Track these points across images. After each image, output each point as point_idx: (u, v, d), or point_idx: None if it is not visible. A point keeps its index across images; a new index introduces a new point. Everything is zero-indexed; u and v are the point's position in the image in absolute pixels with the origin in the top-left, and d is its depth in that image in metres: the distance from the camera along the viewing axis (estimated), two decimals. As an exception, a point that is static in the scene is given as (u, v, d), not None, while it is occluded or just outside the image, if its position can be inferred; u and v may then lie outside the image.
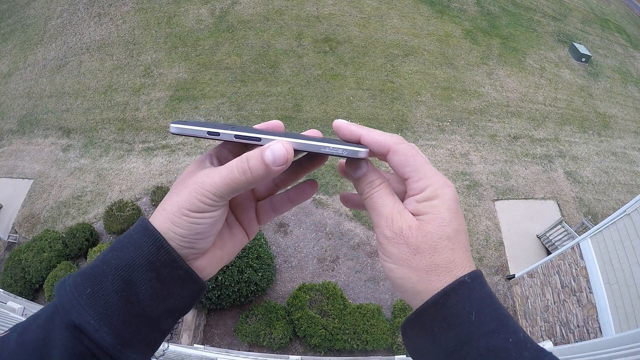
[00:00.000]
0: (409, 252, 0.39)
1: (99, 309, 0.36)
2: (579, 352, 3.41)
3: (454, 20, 12.62)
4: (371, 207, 0.43)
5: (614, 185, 9.58)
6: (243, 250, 5.73)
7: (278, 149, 0.37)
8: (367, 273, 7.29)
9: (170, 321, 0.41)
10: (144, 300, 0.38)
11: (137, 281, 0.37)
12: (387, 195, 0.43)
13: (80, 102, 10.75)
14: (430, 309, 0.38)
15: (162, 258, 0.39)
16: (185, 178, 0.41)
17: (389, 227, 0.41)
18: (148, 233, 0.39)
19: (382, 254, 0.42)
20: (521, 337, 0.35)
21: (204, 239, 0.41)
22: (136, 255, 0.38)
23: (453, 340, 0.36)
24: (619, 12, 17.48)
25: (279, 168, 0.38)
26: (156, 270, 0.38)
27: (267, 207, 0.49)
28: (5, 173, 9.64)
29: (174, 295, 0.40)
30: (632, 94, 12.61)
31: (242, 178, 0.38)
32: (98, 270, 0.38)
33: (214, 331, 6.68)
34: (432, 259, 0.39)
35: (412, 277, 0.39)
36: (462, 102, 10.43)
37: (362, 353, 6.34)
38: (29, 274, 7.01)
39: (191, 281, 0.41)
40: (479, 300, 0.37)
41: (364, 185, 0.44)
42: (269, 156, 0.37)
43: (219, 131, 0.40)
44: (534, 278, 6.62)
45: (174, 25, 11.80)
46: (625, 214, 4.77)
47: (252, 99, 9.96)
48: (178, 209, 0.39)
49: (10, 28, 13.56)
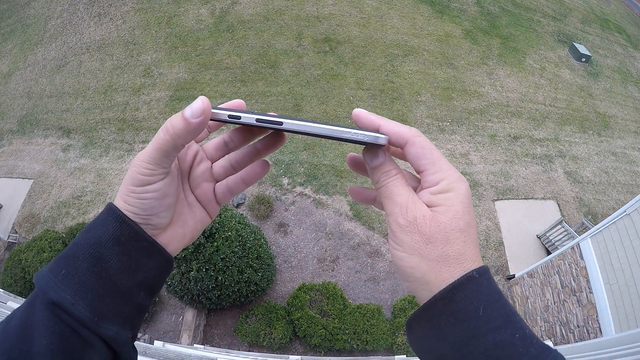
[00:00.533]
0: (422, 241, 0.40)
1: (73, 286, 0.38)
2: (579, 352, 3.41)
3: (454, 20, 12.62)
4: (386, 196, 0.44)
5: (614, 185, 9.58)
6: (243, 250, 5.73)
7: (196, 103, 0.39)
8: (367, 273, 7.29)
9: (143, 295, 0.43)
10: (114, 274, 0.40)
11: (105, 256, 0.40)
12: (403, 185, 0.44)
13: (80, 102, 10.74)
14: (438, 302, 0.38)
15: (126, 232, 0.41)
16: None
17: (403, 215, 0.41)
18: (111, 212, 0.42)
19: (394, 242, 0.42)
20: (527, 333, 0.36)
21: (155, 214, 0.43)
22: (102, 232, 0.40)
23: (460, 335, 0.36)
24: (619, 12, 17.47)
25: (197, 120, 0.38)
26: (122, 244, 0.41)
27: (223, 188, 0.51)
28: (5, 173, 9.64)
29: (142, 267, 0.42)
30: (632, 94, 12.60)
31: (167, 137, 0.39)
32: (70, 252, 0.40)
33: (214, 331, 6.68)
34: (444, 249, 0.39)
35: (422, 267, 0.40)
36: (462, 102, 10.43)
37: (362, 353, 6.34)
38: (29, 274, 7.01)
39: (157, 252, 0.44)
40: (487, 295, 0.37)
41: (381, 173, 0.44)
42: (188, 111, 0.38)
43: (240, 114, 0.42)
44: (534, 278, 6.61)
45: (174, 25, 11.80)
46: (625, 214, 4.77)
47: (252, 99, 9.95)
48: (126, 188, 0.42)
49: (10, 28, 13.56)
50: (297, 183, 8.32)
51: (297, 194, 8.17)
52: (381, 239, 7.70)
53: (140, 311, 0.43)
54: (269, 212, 7.83)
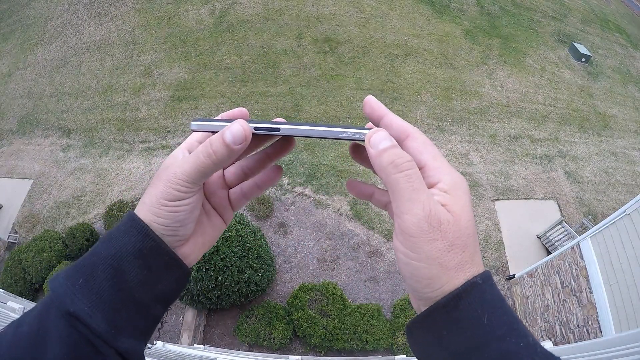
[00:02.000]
0: (445, 249, 0.36)
1: (91, 297, 0.37)
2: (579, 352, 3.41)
3: (454, 20, 12.62)
4: (403, 188, 0.37)
5: (614, 185, 9.58)
6: (243, 250, 5.73)
7: (236, 129, 0.39)
8: (367, 273, 7.29)
9: (159, 307, 0.43)
10: (134, 287, 0.39)
11: (126, 268, 0.39)
12: (421, 178, 0.38)
13: (80, 102, 10.75)
14: (440, 310, 0.36)
15: (149, 245, 0.40)
16: (161, 172, 0.43)
17: (427, 219, 0.36)
18: (134, 223, 0.41)
19: (407, 249, 0.37)
20: (531, 341, 0.35)
21: (184, 225, 0.43)
22: (124, 244, 0.40)
23: (463, 344, 0.35)
24: (619, 12, 17.47)
25: (239, 146, 0.39)
26: (143, 257, 0.40)
27: (238, 194, 0.51)
28: (5, 173, 9.64)
29: (162, 280, 0.42)
30: (632, 94, 12.60)
31: (208, 161, 0.40)
32: (89, 261, 0.39)
33: (214, 331, 6.68)
34: (463, 255, 0.37)
35: (442, 277, 0.36)
36: (462, 102, 10.43)
37: (362, 353, 6.34)
38: (29, 274, 7.01)
39: (176, 266, 0.44)
40: (491, 302, 0.36)
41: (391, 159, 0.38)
42: (229, 136, 0.39)
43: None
44: (534, 278, 6.61)
45: (174, 25, 11.80)
46: (625, 214, 4.77)
47: (252, 99, 9.95)
48: (157, 200, 0.41)
49: (10, 28, 13.56)
50: (297, 183, 8.33)
51: (297, 194, 8.17)
52: (381, 239, 7.70)
53: (155, 323, 0.44)
54: (269, 212, 7.83)
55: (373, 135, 0.40)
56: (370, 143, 0.40)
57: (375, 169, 0.40)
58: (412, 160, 0.38)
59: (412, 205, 0.36)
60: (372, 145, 0.40)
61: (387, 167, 0.38)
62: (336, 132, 0.41)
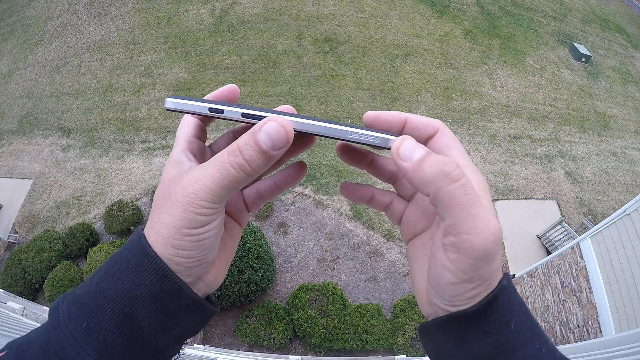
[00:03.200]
0: (498, 269, 0.33)
1: (97, 347, 0.32)
2: (579, 352, 3.41)
3: (454, 20, 12.62)
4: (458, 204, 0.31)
5: (614, 185, 9.58)
6: (243, 250, 5.73)
7: (274, 128, 0.32)
8: (367, 273, 7.29)
9: (177, 347, 0.38)
10: (148, 334, 0.34)
11: (139, 315, 0.33)
12: (473, 186, 0.32)
13: (80, 102, 10.75)
14: (468, 316, 0.33)
15: (167, 288, 0.34)
16: (170, 189, 0.35)
17: (493, 241, 0.31)
18: (148, 259, 0.34)
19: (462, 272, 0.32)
20: (551, 347, 0.34)
21: (212, 250, 0.36)
22: (136, 285, 0.33)
23: (487, 349, 0.33)
24: (619, 12, 17.47)
25: (279, 152, 0.32)
26: (161, 302, 0.34)
27: (254, 196, 0.44)
28: (5, 173, 9.64)
29: (181, 324, 0.36)
30: (632, 94, 12.60)
31: (241, 174, 0.32)
32: (94, 300, 0.33)
33: (214, 331, 6.68)
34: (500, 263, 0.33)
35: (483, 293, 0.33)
36: (462, 102, 10.43)
37: (362, 353, 6.34)
38: (29, 274, 7.01)
39: (200, 309, 0.37)
40: (517, 306, 0.34)
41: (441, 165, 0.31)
42: (266, 140, 0.31)
43: (223, 108, 0.35)
44: (534, 278, 6.61)
45: (174, 25, 11.80)
46: (625, 214, 4.77)
47: (252, 99, 9.95)
48: (176, 231, 0.33)
49: (10, 28, 13.56)
50: (297, 183, 8.32)
51: (297, 194, 8.17)
52: (381, 239, 7.70)
53: (170, 359, 0.38)
54: (269, 212, 7.83)
55: (401, 145, 0.33)
56: (401, 155, 0.33)
57: (414, 184, 0.33)
58: (460, 166, 0.32)
59: (475, 224, 0.30)
60: (403, 158, 0.33)
61: (436, 180, 0.31)
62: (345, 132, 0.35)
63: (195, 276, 0.36)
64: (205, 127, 0.42)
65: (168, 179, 0.36)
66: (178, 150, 0.38)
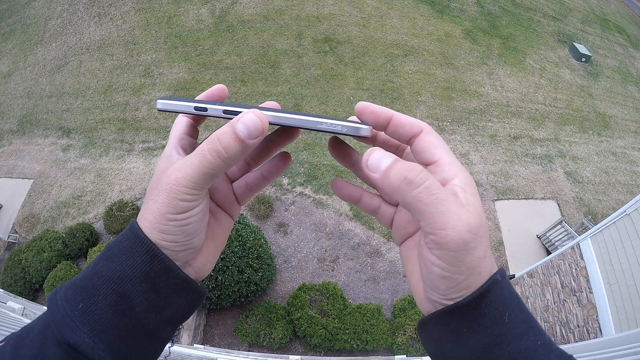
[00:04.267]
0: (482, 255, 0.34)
1: (93, 325, 0.33)
2: (579, 352, 3.41)
3: (454, 20, 12.62)
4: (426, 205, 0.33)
5: (614, 185, 9.58)
6: (243, 250, 5.73)
7: (251, 119, 0.34)
8: (367, 273, 7.29)
9: (169, 329, 0.39)
10: (140, 313, 0.35)
11: (131, 293, 0.35)
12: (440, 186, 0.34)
13: (80, 102, 10.75)
14: (462, 309, 0.35)
15: (157, 267, 0.36)
16: (158, 179, 0.38)
17: (468, 230, 0.32)
18: (139, 241, 0.36)
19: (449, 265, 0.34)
20: (547, 340, 0.34)
21: (196, 236, 0.39)
22: (128, 265, 0.35)
23: (483, 342, 0.34)
24: (619, 12, 17.47)
25: (255, 141, 0.35)
26: (151, 281, 0.36)
27: (243, 188, 0.46)
28: (5, 173, 9.64)
29: (172, 304, 0.38)
30: (632, 94, 12.60)
31: (218, 161, 0.35)
32: (89, 282, 0.35)
33: (214, 331, 6.68)
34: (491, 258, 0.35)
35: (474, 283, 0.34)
36: (462, 102, 10.43)
37: (362, 353, 6.34)
38: (29, 274, 7.01)
39: (189, 289, 0.39)
40: (510, 300, 0.35)
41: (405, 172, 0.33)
42: (243, 130, 0.34)
43: (206, 106, 0.38)
44: (534, 278, 6.61)
45: (174, 25, 11.80)
46: (625, 214, 4.77)
47: (252, 99, 9.95)
48: (161, 216, 0.36)
49: (10, 28, 13.56)
50: (297, 183, 8.33)
51: (297, 194, 8.17)
52: (381, 238, 7.70)
53: (163, 344, 0.40)
54: (269, 212, 7.83)
55: (369, 157, 0.35)
56: (370, 167, 0.35)
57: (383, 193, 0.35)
58: (424, 169, 0.34)
59: (446, 219, 0.32)
60: (372, 169, 0.35)
61: (401, 187, 0.33)
62: (314, 123, 0.36)
63: (183, 260, 0.38)
64: (197, 126, 0.44)
65: (158, 171, 0.39)
66: (170, 146, 0.41)
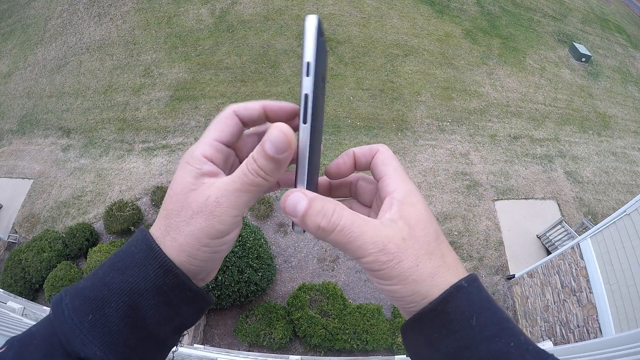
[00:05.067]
0: (412, 265, 0.36)
1: (103, 338, 0.33)
2: (579, 352, 3.41)
3: (454, 20, 12.62)
4: (346, 241, 0.36)
5: (614, 185, 9.58)
6: (243, 250, 5.73)
7: (275, 135, 0.35)
8: (367, 273, 7.28)
9: (176, 337, 0.41)
10: (151, 325, 0.36)
11: (143, 307, 0.35)
12: (352, 214, 0.37)
13: (80, 102, 10.74)
14: (428, 315, 0.37)
15: (170, 282, 0.36)
16: (188, 197, 0.37)
17: (383, 251, 0.36)
18: (153, 254, 0.36)
19: (381, 278, 0.37)
20: (522, 340, 0.35)
21: (223, 256, 0.40)
22: (141, 278, 0.35)
23: (453, 345, 0.35)
24: (619, 12, 17.47)
25: (285, 154, 0.36)
26: (164, 295, 0.36)
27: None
28: (5, 173, 9.64)
29: (182, 314, 0.39)
30: (632, 94, 12.60)
31: (258, 179, 0.36)
32: (100, 294, 0.35)
33: (214, 331, 6.68)
34: (433, 262, 0.37)
35: (421, 290, 0.36)
36: (462, 102, 10.43)
37: (362, 353, 6.34)
38: (29, 274, 7.01)
39: (199, 299, 0.40)
40: (478, 304, 0.36)
41: (316, 217, 0.36)
42: (270, 147, 0.35)
43: None
44: (534, 278, 6.61)
45: (174, 25, 11.80)
46: (625, 214, 4.77)
47: (252, 98, 9.82)
48: (196, 240, 0.36)
49: (10, 28, 13.56)
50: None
51: (297, 194, 8.16)
52: (381, 239, 7.69)
53: (169, 349, 0.41)
54: (269, 212, 7.83)
55: (286, 201, 0.37)
56: (288, 211, 0.37)
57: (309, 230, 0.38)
58: (337, 209, 0.36)
59: (363, 251, 0.36)
60: (291, 213, 0.37)
61: (318, 234, 0.37)
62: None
63: (198, 278, 0.40)
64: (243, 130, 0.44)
65: (184, 188, 0.37)
66: (199, 153, 0.39)
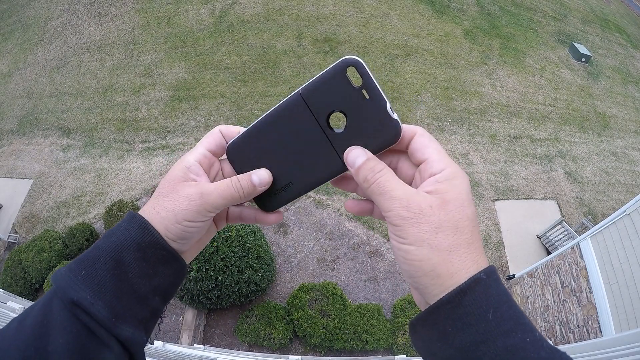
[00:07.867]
0: (431, 230, 0.38)
1: (93, 286, 0.39)
2: (579, 352, 3.41)
3: (454, 20, 12.61)
4: (379, 193, 0.41)
5: (614, 185, 9.58)
6: (243, 250, 5.73)
7: (263, 176, 0.48)
8: (367, 273, 7.29)
9: (157, 300, 0.45)
10: (133, 278, 0.42)
11: (125, 260, 0.41)
12: (394, 177, 0.42)
13: (80, 102, 10.74)
14: (445, 306, 0.37)
15: (147, 239, 0.43)
16: (177, 186, 0.46)
17: (405, 208, 0.39)
18: (135, 219, 0.44)
19: (398, 236, 0.40)
20: (537, 336, 0.35)
21: (194, 239, 0.48)
22: (124, 237, 0.42)
23: (468, 339, 0.35)
24: (619, 12, 17.47)
25: (262, 188, 0.48)
26: (142, 251, 0.42)
27: (236, 214, 0.55)
28: (5, 173, 9.64)
29: (159, 273, 0.44)
30: (632, 94, 12.60)
31: (236, 194, 0.47)
32: (91, 254, 0.42)
33: (214, 331, 6.68)
34: (455, 238, 0.38)
35: (433, 258, 0.38)
36: (462, 102, 10.43)
37: (362, 353, 6.34)
38: (29, 274, 7.01)
39: (173, 260, 0.46)
40: (496, 297, 0.36)
41: (366, 171, 0.43)
42: (256, 179, 0.47)
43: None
44: (534, 278, 6.61)
45: (174, 25, 11.79)
46: (625, 214, 4.77)
47: (252, 99, 9.95)
48: (174, 217, 0.45)
49: (10, 28, 13.56)
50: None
51: (297, 194, 8.16)
52: (381, 238, 7.70)
53: (154, 315, 0.45)
54: (269, 212, 7.83)
55: (348, 154, 0.44)
56: (348, 162, 0.45)
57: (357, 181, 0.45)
58: (382, 169, 0.43)
59: (390, 204, 0.40)
60: (349, 164, 0.44)
61: (362, 185, 0.44)
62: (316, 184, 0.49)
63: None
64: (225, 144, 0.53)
65: (176, 177, 0.47)
66: (192, 158, 0.49)
